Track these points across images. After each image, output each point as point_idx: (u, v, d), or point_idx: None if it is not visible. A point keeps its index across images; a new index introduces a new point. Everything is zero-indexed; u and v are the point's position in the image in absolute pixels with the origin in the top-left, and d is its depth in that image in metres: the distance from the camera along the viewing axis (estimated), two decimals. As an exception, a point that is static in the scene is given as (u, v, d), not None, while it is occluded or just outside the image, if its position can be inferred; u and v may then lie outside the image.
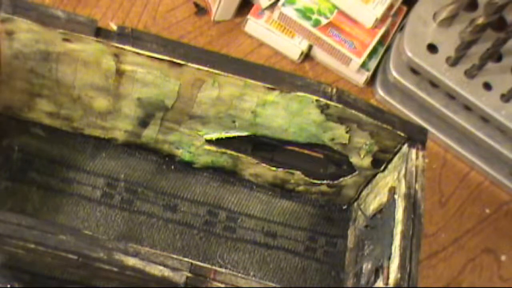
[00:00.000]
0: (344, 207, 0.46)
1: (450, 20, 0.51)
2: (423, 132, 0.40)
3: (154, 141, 0.44)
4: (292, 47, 0.54)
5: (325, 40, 0.53)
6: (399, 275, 0.35)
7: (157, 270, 0.32)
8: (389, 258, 0.37)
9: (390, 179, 0.41)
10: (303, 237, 0.44)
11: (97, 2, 0.54)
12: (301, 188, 0.46)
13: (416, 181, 0.38)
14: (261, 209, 0.45)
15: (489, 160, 0.54)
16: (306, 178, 0.45)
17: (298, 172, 0.44)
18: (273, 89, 0.39)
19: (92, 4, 0.53)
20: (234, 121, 0.42)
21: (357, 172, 0.43)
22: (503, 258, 0.52)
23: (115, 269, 0.32)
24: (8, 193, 0.40)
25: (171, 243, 0.42)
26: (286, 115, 0.40)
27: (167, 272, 0.32)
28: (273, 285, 0.34)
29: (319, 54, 0.55)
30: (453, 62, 0.51)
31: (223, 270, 0.33)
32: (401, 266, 0.35)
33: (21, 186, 0.41)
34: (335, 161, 0.43)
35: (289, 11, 0.53)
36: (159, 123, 0.42)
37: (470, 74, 0.51)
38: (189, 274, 0.33)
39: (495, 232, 0.53)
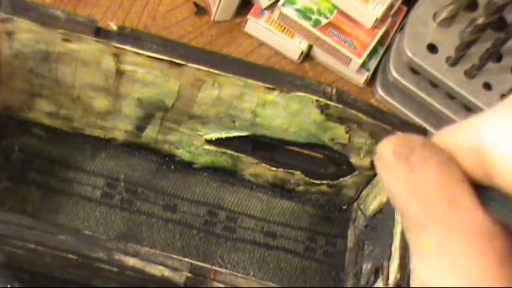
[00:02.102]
0: (344, 207, 0.46)
1: (450, 20, 0.51)
2: (423, 132, 0.40)
3: (154, 141, 0.44)
4: (292, 47, 0.54)
5: (325, 40, 0.53)
6: (399, 275, 0.35)
7: (157, 270, 0.32)
8: (389, 258, 0.36)
9: (390, 179, 0.41)
10: (303, 237, 0.44)
11: (97, 1, 0.53)
12: (301, 188, 0.45)
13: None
14: (261, 209, 0.45)
15: (489, 160, 0.54)
16: (306, 178, 0.44)
17: (298, 172, 0.44)
18: (273, 89, 0.39)
19: (92, 4, 0.53)
20: (234, 121, 0.41)
21: (357, 172, 0.43)
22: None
23: (115, 269, 0.32)
24: (8, 193, 0.40)
25: (171, 243, 0.42)
26: (286, 115, 0.40)
27: (167, 272, 0.32)
28: (273, 285, 0.34)
29: (319, 54, 0.55)
30: (453, 62, 0.51)
31: (223, 270, 0.33)
32: (401, 266, 0.35)
33: (21, 186, 0.41)
34: (335, 161, 0.43)
35: (289, 11, 0.53)
36: (159, 123, 0.42)
37: (470, 74, 0.51)
38: (189, 274, 0.33)
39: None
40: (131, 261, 0.32)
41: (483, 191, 0.14)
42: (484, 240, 0.14)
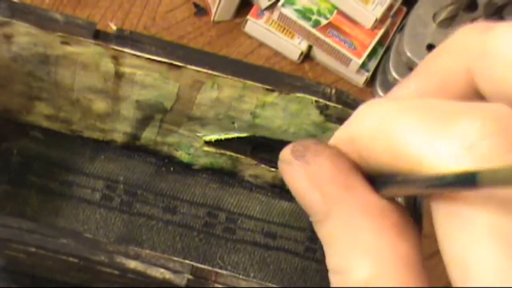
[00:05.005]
0: (344, 207, 0.46)
1: (449, 21, 0.51)
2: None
3: (153, 143, 0.44)
4: (291, 48, 0.54)
5: (325, 40, 0.53)
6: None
7: (158, 272, 0.32)
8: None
9: (390, 180, 0.41)
10: (303, 237, 0.44)
11: (96, 2, 0.53)
12: (301, 188, 0.45)
13: (416, 182, 0.38)
14: (261, 210, 0.45)
15: (489, 159, 0.54)
16: (306, 179, 0.44)
17: (298, 173, 0.44)
18: (272, 90, 0.39)
19: (92, 5, 0.53)
20: (233, 123, 0.41)
21: (356, 173, 0.43)
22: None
23: (116, 272, 0.32)
24: (7, 197, 0.40)
25: (171, 245, 0.42)
26: (286, 116, 0.40)
27: (168, 275, 0.32)
28: (274, 286, 0.34)
29: (318, 54, 0.55)
30: (453, 62, 0.50)
31: (224, 272, 0.33)
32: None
33: (20, 189, 0.41)
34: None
35: (289, 12, 0.53)
36: (158, 125, 0.42)
37: (469, 74, 0.50)
38: (190, 277, 0.33)
39: (495, 231, 0.53)
40: (132, 264, 0.32)
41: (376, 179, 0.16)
42: (382, 216, 0.15)
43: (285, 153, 0.16)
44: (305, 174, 0.16)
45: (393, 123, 0.14)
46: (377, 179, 0.16)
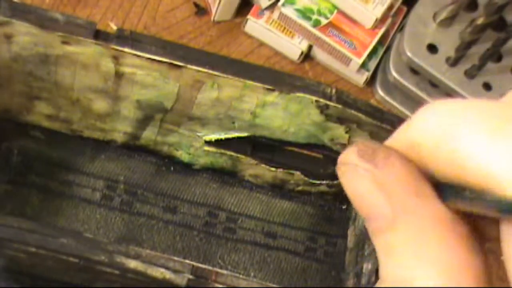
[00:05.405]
0: (344, 207, 0.46)
1: (450, 20, 0.51)
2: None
3: (154, 142, 0.44)
4: (292, 47, 0.54)
5: (325, 40, 0.53)
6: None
7: (158, 272, 0.32)
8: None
9: (390, 179, 0.41)
10: (303, 237, 0.44)
11: (97, 2, 0.53)
12: (300, 188, 0.45)
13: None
14: (261, 209, 0.45)
15: (489, 159, 0.54)
16: (306, 178, 0.45)
17: (297, 173, 0.44)
18: (272, 90, 0.39)
19: (92, 4, 0.53)
20: (233, 122, 0.41)
21: (357, 173, 0.43)
22: (503, 258, 0.52)
23: (117, 272, 0.33)
24: (7, 196, 0.40)
25: (171, 245, 0.42)
26: (286, 115, 0.40)
27: (168, 275, 0.33)
28: (274, 286, 0.34)
29: (319, 54, 0.55)
30: (453, 62, 0.50)
31: (224, 271, 0.33)
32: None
33: (20, 189, 0.41)
34: (334, 161, 0.43)
35: (289, 11, 0.53)
36: (159, 125, 0.42)
37: (470, 74, 0.50)
38: (191, 276, 0.33)
39: (495, 231, 0.53)
40: (132, 264, 0.32)
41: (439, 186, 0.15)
42: (453, 229, 0.14)
43: (349, 155, 0.15)
44: (373, 177, 0.14)
45: (458, 130, 0.13)
46: (442, 188, 0.14)
